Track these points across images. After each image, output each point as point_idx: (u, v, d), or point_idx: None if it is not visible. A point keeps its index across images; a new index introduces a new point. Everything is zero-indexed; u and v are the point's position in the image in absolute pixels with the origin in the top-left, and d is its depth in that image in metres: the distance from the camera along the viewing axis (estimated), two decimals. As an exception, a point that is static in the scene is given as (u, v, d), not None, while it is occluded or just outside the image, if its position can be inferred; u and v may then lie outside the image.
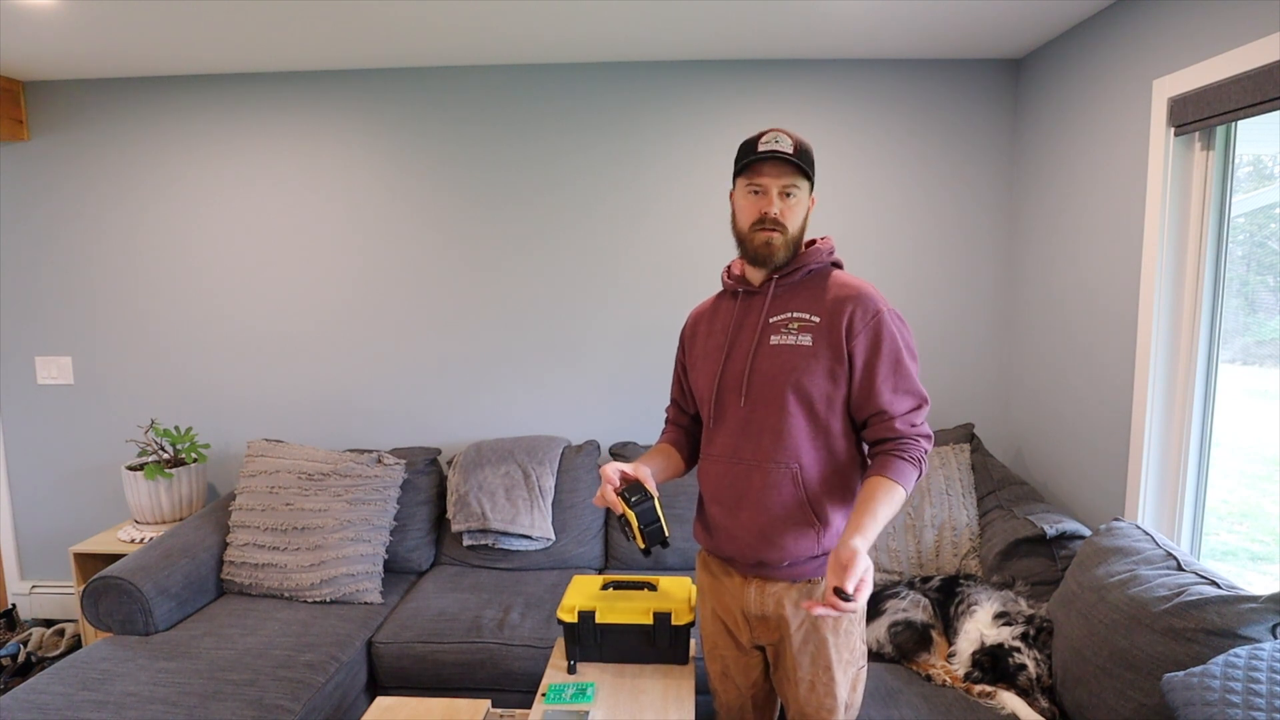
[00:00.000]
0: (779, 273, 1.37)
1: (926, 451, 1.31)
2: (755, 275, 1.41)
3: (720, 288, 1.52)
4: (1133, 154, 2.03)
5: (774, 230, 1.32)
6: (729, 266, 1.49)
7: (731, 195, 1.40)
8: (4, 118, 2.70)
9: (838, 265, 1.42)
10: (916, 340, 2.68)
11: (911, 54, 2.60)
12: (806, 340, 1.31)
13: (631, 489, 1.33)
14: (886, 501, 1.24)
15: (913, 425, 1.30)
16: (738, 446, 1.36)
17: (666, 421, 1.64)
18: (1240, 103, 1.63)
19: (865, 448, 1.38)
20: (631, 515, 1.31)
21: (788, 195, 1.31)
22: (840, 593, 1.11)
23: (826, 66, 2.66)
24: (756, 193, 1.33)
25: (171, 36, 2.34)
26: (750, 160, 1.31)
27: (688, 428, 1.59)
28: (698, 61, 2.68)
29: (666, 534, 1.33)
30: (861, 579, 1.12)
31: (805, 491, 1.32)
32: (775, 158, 1.29)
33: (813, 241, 1.42)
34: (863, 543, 1.17)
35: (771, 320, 1.35)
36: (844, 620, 1.35)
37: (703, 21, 2.27)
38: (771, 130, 1.32)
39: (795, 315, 1.33)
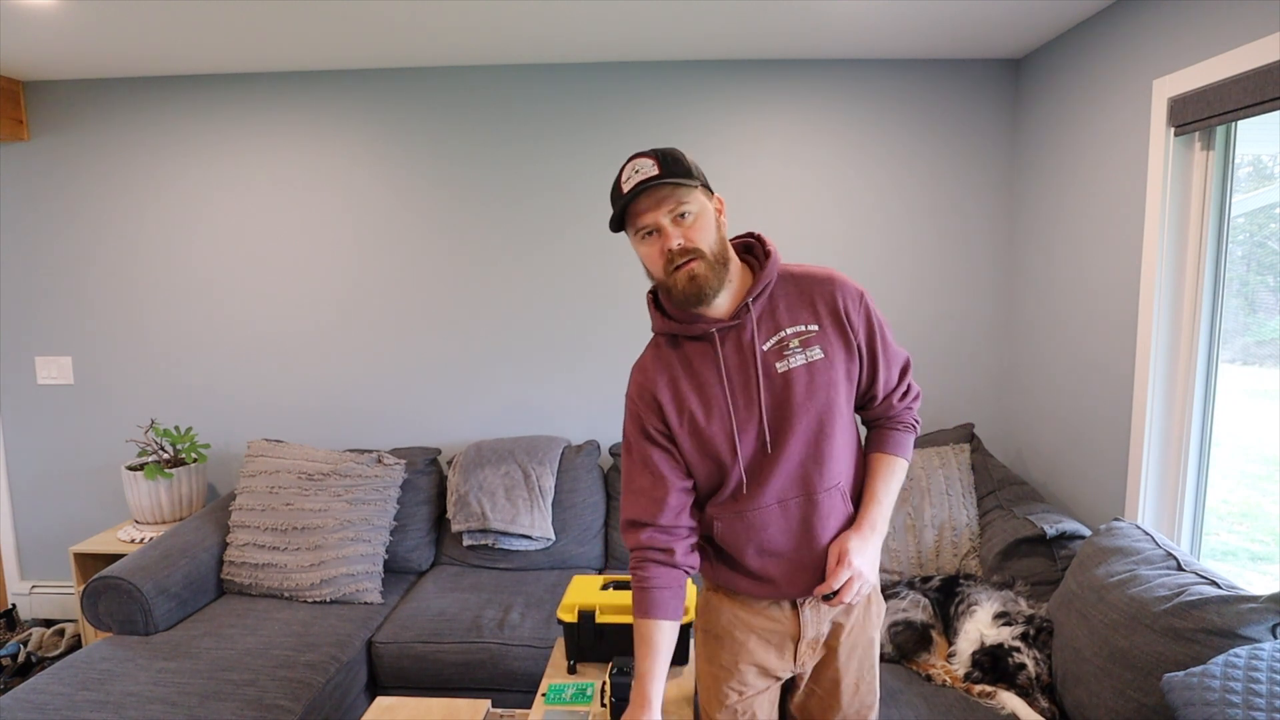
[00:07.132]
0: (751, 297, 1.19)
1: (917, 409, 1.33)
2: (716, 308, 1.20)
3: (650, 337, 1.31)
4: (1133, 154, 2.03)
5: (691, 260, 1.14)
6: (662, 313, 1.25)
7: (636, 250, 1.21)
8: (4, 118, 2.70)
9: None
10: (915, 340, 2.72)
11: (911, 54, 2.60)
12: (818, 354, 1.19)
13: (620, 660, 1.38)
14: (893, 479, 1.28)
15: (903, 395, 1.30)
16: (782, 491, 1.21)
17: (647, 558, 1.22)
18: (1240, 103, 1.63)
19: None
20: (608, 685, 1.38)
21: (682, 216, 1.14)
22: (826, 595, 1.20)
23: (826, 66, 2.66)
24: (650, 235, 1.16)
25: (171, 36, 2.34)
26: (624, 204, 1.14)
27: (684, 553, 1.24)
28: (698, 61, 2.68)
29: None
30: (849, 581, 1.18)
31: (852, 500, 1.28)
32: (644, 188, 1.12)
33: (753, 245, 1.28)
34: (861, 542, 1.21)
35: (765, 348, 1.19)
36: (877, 608, 1.36)
37: (703, 21, 2.27)
38: (628, 162, 1.16)
39: (791, 331, 1.19)
